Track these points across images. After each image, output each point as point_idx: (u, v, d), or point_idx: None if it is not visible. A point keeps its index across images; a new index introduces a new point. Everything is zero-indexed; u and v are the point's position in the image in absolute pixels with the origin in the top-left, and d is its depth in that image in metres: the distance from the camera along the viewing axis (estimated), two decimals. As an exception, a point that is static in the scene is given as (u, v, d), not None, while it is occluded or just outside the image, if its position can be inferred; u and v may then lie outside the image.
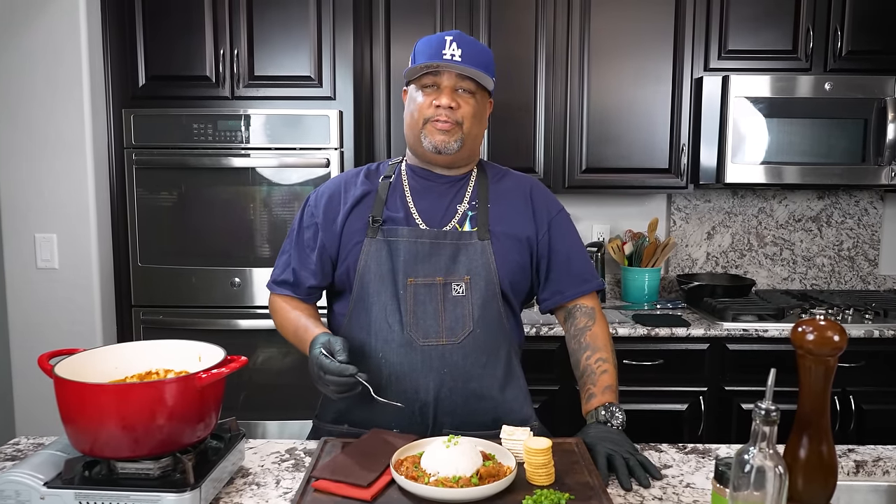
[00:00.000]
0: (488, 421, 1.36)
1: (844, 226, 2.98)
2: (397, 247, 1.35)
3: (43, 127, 2.35)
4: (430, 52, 1.33)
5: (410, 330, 1.33)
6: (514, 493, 1.05)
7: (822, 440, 0.90)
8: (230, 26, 2.42)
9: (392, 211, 1.38)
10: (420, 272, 1.34)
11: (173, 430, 1.04)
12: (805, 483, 0.91)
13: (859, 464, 1.28)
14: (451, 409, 1.35)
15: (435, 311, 1.33)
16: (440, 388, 1.33)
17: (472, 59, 1.33)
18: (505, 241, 1.38)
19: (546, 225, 1.43)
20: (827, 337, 0.88)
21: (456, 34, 1.34)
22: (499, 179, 1.46)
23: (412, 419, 1.34)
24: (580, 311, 1.44)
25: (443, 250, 1.35)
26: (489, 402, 1.37)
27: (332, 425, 1.41)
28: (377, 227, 1.36)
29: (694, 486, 1.17)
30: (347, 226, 1.39)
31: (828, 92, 2.50)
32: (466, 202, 1.40)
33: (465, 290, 1.34)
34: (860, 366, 2.38)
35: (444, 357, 1.33)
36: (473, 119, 1.36)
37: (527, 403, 1.45)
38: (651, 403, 2.40)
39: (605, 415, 1.29)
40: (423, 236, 1.35)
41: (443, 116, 1.33)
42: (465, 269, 1.35)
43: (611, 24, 2.60)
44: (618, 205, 3.00)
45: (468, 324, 1.34)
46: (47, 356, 1.12)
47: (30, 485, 1.01)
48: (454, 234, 1.36)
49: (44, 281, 2.40)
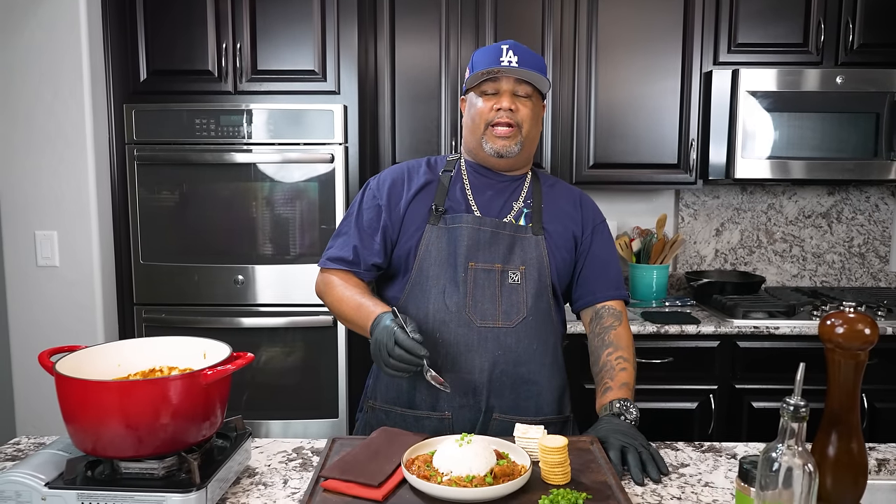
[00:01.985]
0: (531, 407, 1.41)
1: (855, 222, 2.95)
2: (460, 233, 1.41)
3: (43, 122, 2.32)
4: (489, 60, 1.40)
5: (469, 311, 1.38)
6: (530, 492, 1.02)
7: (853, 438, 0.87)
8: (232, 20, 2.39)
9: (453, 201, 1.45)
10: (481, 258, 1.40)
11: (178, 429, 1.01)
12: (834, 482, 0.88)
13: (881, 462, 1.25)
14: (500, 391, 1.39)
15: (493, 295, 1.39)
16: (493, 368, 1.38)
17: (528, 65, 1.40)
18: (556, 238, 1.46)
19: (591, 230, 1.51)
20: (857, 330, 0.85)
21: (511, 43, 1.41)
22: (551, 185, 1.54)
23: (465, 402, 1.38)
24: (608, 312, 1.48)
25: (501, 240, 1.42)
26: (534, 388, 1.41)
27: (389, 406, 1.44)
28: (440, 214, 1.42)
29: (713, 486, 1.13)
30: (410, 210, 1.44)
31: (839, 86, 2.46)
32: (522, 200, 1.48)
33: (521, 278, 1.41)
34: (872, 363, 2.31)
35: (498, 339, 1.38)
36: (532, 121, 1.43)
37: (566, 396, 1.50)
38: (661, 402, 2.37)
39: (619, 408, 1.29)
40: (484, 224, 1.42)
41: (504, 119, 1.40)
42: (520, 259, 1.42)
43: (618, 18, 2.57)
44: (626, 201, 2.96)
45: (522, 310, 1.40)
46: (48, 353, 1.09)
47: (31, 485, 0.98)
48: (512, 227, 1.43)
49: (44, 279, 2.37)
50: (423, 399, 1.40)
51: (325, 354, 2.45)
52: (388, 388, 1.45)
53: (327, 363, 2.45)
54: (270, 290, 2.44)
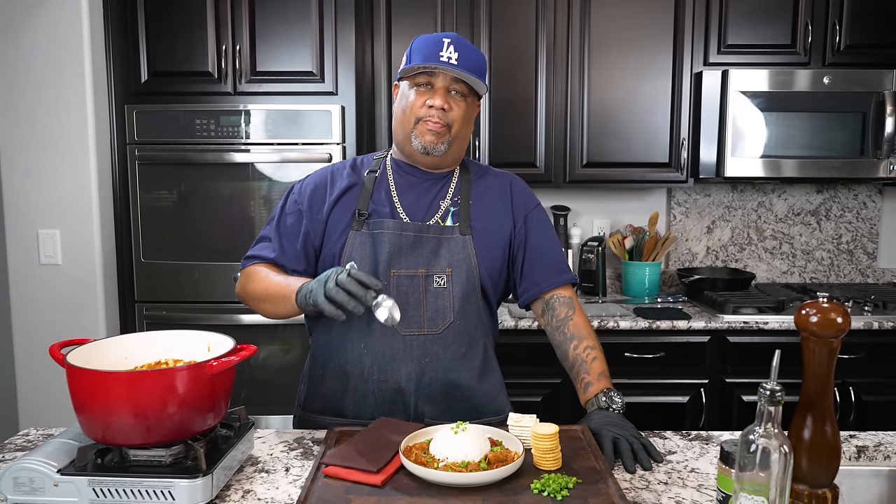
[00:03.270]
0: (465, 410, 1.40)
1: (843, 219, 3.00)
2: (382, 239, 1.37)
3: (46, 123, 2.36)
4: (427, 53, 1.35)
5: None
6: (523, 477, 1.07)
7: (826, 421, 0.92)
8: (232, 22, 2.43)
9: (377, 204, 1.41)
10: (403, 264, 1.37)
11: (185, 418, 1.05)
12: (809, 463, 0.92)
13: (861, 449, 1.30)
14: (430, 398, 1.39)
15: (417, 301, 1.37)
16: (421, 376, 1.37)
17: (468, 64, 1.35)
18: (485, 236, 1.42)
19: (523, 219, 1.47)
20: (830, 319, 0.90)
21: (453, 37, 1.37)
22: (480, 177, 1.49)
23: (393, 408, 1.38)
24: (558, 302, 1.45)
25: (426, 244, 1.39)
26: (466, 392, 1.41)
27: (318, 416, 1.44)
28: (363, 220, 1.39)
29: (698, 471, 1.18)
30: (333, 216, 1.41)
31: (826, 86, 2.51)
32: (449, 198, 1.44)
33: (447, 282, 1.38)
34: (860, 357, 2.40)
35: (424, 346, 1.37)
36: (462, 122, 1.39)
37: (503, 394, 1.49)
38: (653, 396, 2.42)
39: (605, 400, 1.31)
40: (406, 229, 1.38)
41: (434, 117, 1.35)
42: (446, 262, 1.39)
43: (611, 19, 2.62)
44: (618, 199, 3.01)
45: (449, 315, 1.38)
46: (58, 346, 1.13)
47: (44, 472, 1.02)
48: (437, 229, 1.40)
49: (47, 277, 2.41)
50: (350, 407, 1.39)
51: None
52: (316, 397, 1.44)
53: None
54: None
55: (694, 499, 1.08)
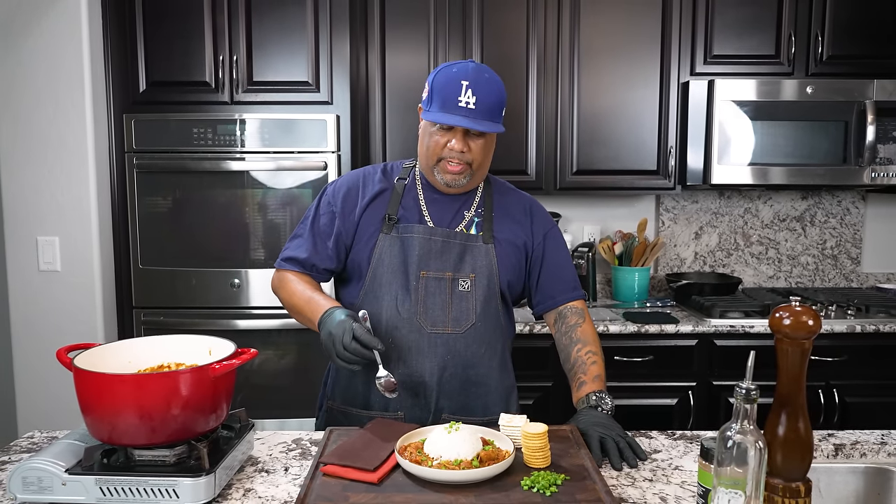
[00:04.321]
0: (479, 407, 1.49)
1: (828, 225, 3.07)
2: (412, 242, 1.46)
3: (45, 131, 2.39)
4: (445, 97, 1.37)
5: (420, 318, 1.45)
6: (513, 474, 1.11)
7: (799, 417, 0.97)
8: (229, 32, 2.48)
9: (406, 210, 1.50)
10: (432, 267, 1.46)
11: (188, 419, 1.09)
12: (783, 458, 0.98)
13: (838, 447, 1.36)
14: (449, 393, 1.47)
15: (443, 302, 1.46)
16: (443, 372, 1.46)
17: (486, 104, 1.37)
18: (506, 246, 1.51)
19: (542, 236, 1.56)
20: (802, 321, 0.95)
21: (472, 76, 1.37)
22: (503, 194, 1.58)
23: (416, 402, 1.47)
24: (570, 311, 1.55)
25: (452, 249, 1.47)
26: (483, 389, 1.50)
27: (347, 406, 1.52)
28: (392, 223, 1.47)
29: (682, 469, 1.23)
30: (364, 219, 1.49)
31: (810, 95, 2.58)
32: (474, 210, 1.52)
33: (471, 286, 1.47)
34: (843, 360, 2.46)
35: (448, 344, 1.45)
36: (483, 155, 1.45)
37: (514, 394, 1.59)
38: (641, 398, 2.47)
39: (595, 399, 1.38)
40: (435, 234, 1.47)
41: (454, 159, 1.42)
42: (470, 267, 1.48)
43: (600, 30, 2.68)
44: (608, 206, 3.07)
45: (471, 317, 1.47)
46: (65, 350, 1.17)
47: (52, 471, 1.05)
48: (462, 236, 1.49)
49: (46, 283, 2.44)
50: (376, 400, 1.47)
51: (318, 355, 2.53)
52: (346, 388, 1.53)
53: (320, 364, 2.53)
54: (265, 294, 2.52)
55: (677, 494, 1.13)
